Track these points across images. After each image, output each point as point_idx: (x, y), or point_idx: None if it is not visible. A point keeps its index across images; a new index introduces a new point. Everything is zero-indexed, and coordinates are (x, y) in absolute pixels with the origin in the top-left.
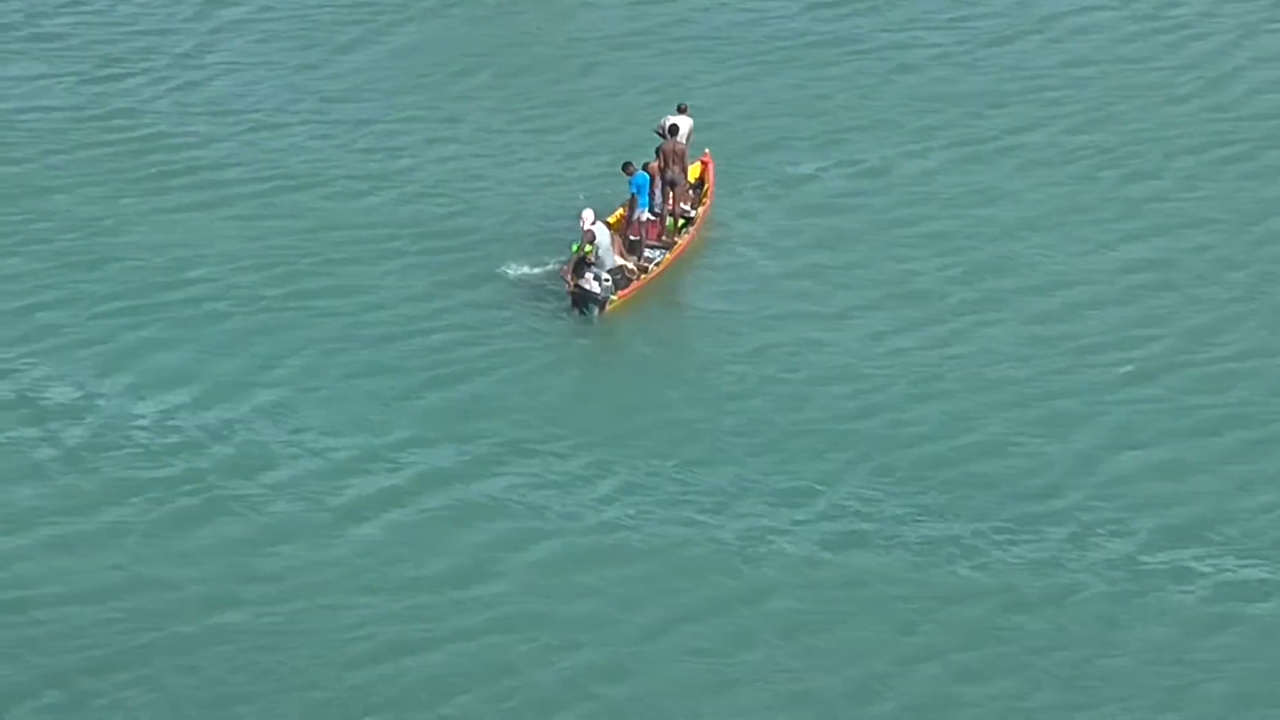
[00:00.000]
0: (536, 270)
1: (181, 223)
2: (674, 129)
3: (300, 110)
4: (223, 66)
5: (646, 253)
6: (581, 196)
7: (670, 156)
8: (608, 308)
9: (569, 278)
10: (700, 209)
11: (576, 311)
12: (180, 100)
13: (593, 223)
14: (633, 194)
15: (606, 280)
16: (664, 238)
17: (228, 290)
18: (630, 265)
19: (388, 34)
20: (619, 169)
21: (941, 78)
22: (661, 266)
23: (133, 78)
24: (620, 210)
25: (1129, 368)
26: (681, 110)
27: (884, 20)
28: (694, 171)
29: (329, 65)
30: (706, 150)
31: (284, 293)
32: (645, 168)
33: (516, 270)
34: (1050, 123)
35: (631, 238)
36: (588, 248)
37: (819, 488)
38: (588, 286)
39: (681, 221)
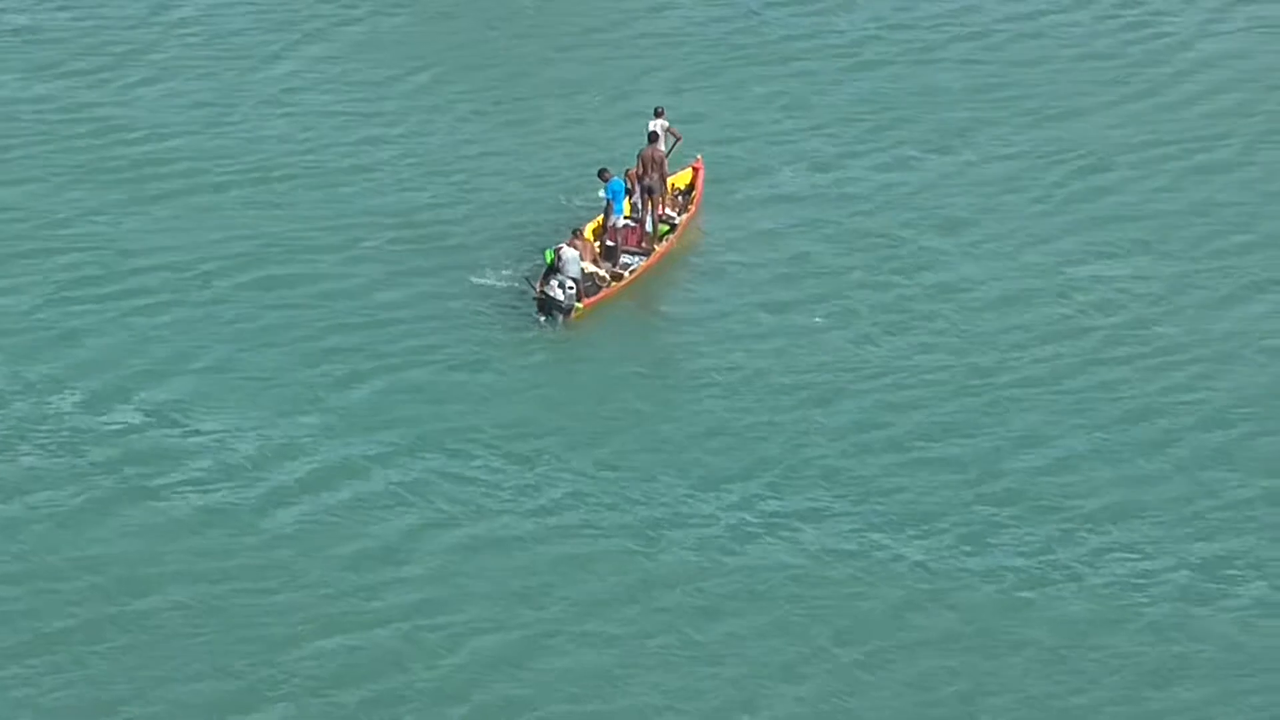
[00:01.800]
0: (505, 272)
1: (140, 214)
2: (653, 136)
3: (267, 103)
4: (189, 58)
5: (624, 258)
6: (562, 200)
7: (649, 163)
8: (572, 315)
9: (537, 283)
10: (684, 216)
11: (542, 317)
12: (145, 92)
13: (569, 244)
14: (608, 200)
15: (571, 289)
16: (644, 244)
17: (181, 282)
18: (602, 272)
19: (361, 27)
20: (595, 174)
21: (927, 78)
22: (635, 274)
23: (97, 70)
24: (599, 217)
25: (1051, 366)
26: (658, 114)
27: (867, 19)
28: (684, 177)
29: (298, 58)
30: (699, 156)
31: (239, 285)
32: (626, 174)
33: (484, 272)
34: (1017, 119)
35: (608, 243)
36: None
37: (743, 488)
38: (552, 293)
39: (665, 228)
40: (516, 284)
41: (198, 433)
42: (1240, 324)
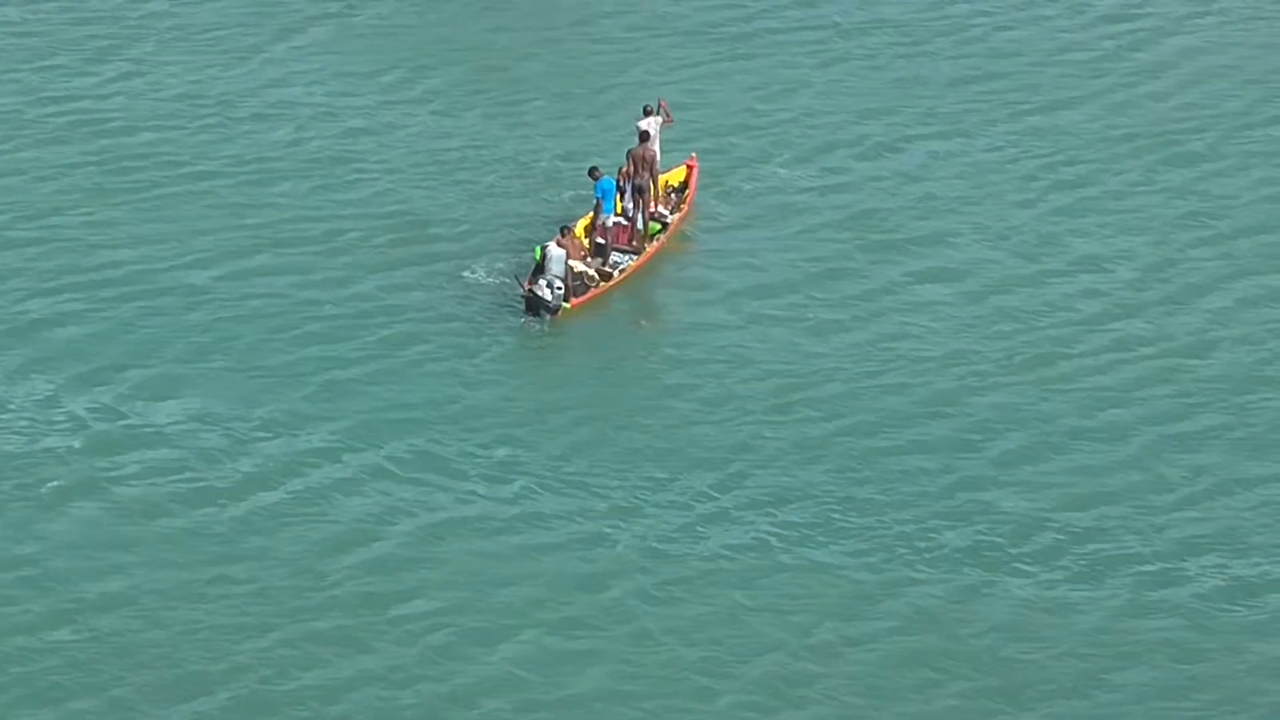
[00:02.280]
0: (494, 268)
1: (121, 207)
2: (645, 135)
3: (249, 96)
4: (171, 51)
5: (614, 257)
6: (551, 195)
7: (640, 162)
8: (560, 314)
9: (525, 282)
10: (677, 215)
11: (530, 315)
12: (127, 85)
13: (557, 243)
14: (598, 198)
15: (559, 288)
16: (634, 242)
17: (159, 275)
18: (591, 271)
19: (345, 21)
20: (586, 172)
21: (911, 69)
22: (625, 273)
23: (78, 64)
24: (589, 215)
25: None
26: (648, 112)
27: (852, 11)
28: (678, 175)
29: (281, 51)
30: (694, 154)
31: (218, 278)
32: (621, 173)
33: (472, 268)
34: (999, 111)
35: (598, 241)
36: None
37: (708, 482)
38: (540, 292)
39: (657, 226)
40: (504, 280)
41: (165, 424)
42: (1214, 315)
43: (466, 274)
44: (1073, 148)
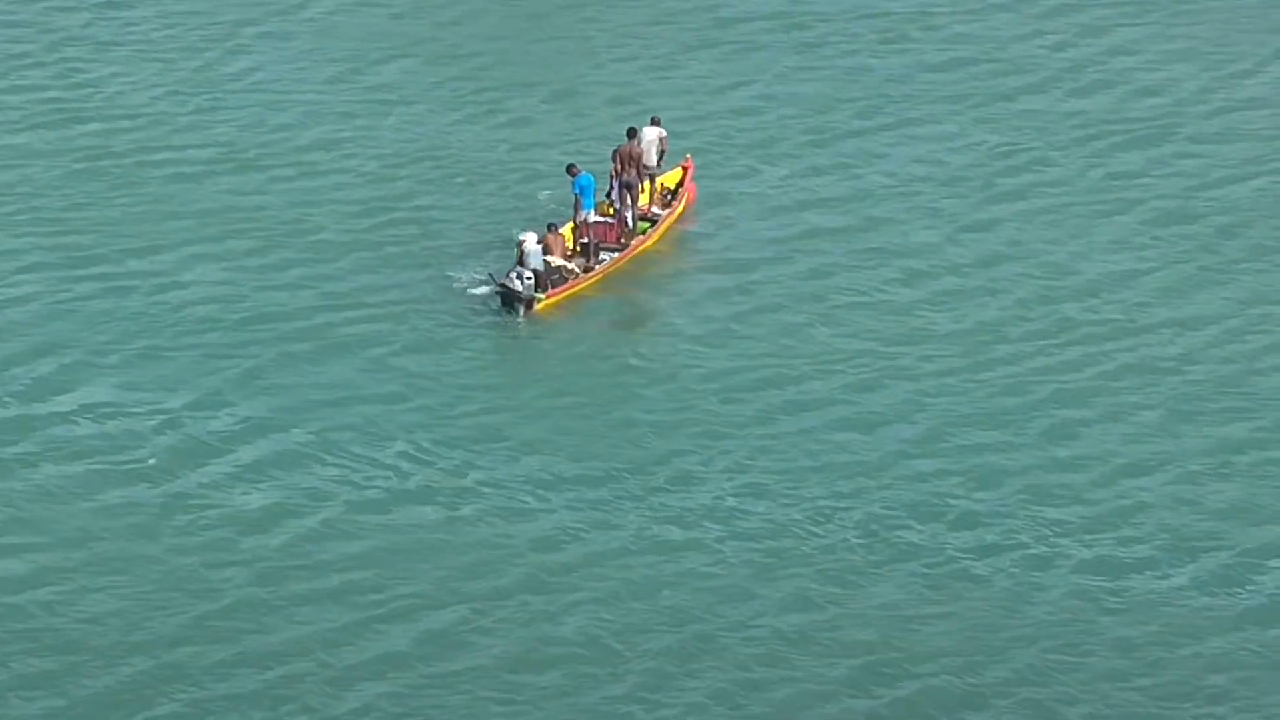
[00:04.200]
0: (473, 262)
1: (105, 200)
2: (631, 131)
3: (233, 93)
4: (156, 45)
5: (603, 255)
6: (542, 195)
7: (626, 160)
8: (534, 307)
9: (500, 279)
10: (667, 211)
11: (505, 310)
12: (115, 79)
13: (536, 241)
14: (576, 195)
15: (529, 279)
16: (622, 240)
17: (138, 265)
18: (570, 266)
19: (330, 19)
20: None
21: (908, 70)
22: (603, 268)
23: (60, 54)
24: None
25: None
26: (654, 122)
27: (835, 8)
28: (674, 176)
29: (266, 48)
30: (688, 155)
31: (194, 269)
32: (613, 171)
33: (452, 263)
34: (973, 107)
35: (581, 240)
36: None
37: (658, 479)
38: (513, 285)
39: (646, 225)
40: (482, 277)
41: (128, 413)
42: (1178, 311)
43: (448, 270)
44: (1045, 145)
